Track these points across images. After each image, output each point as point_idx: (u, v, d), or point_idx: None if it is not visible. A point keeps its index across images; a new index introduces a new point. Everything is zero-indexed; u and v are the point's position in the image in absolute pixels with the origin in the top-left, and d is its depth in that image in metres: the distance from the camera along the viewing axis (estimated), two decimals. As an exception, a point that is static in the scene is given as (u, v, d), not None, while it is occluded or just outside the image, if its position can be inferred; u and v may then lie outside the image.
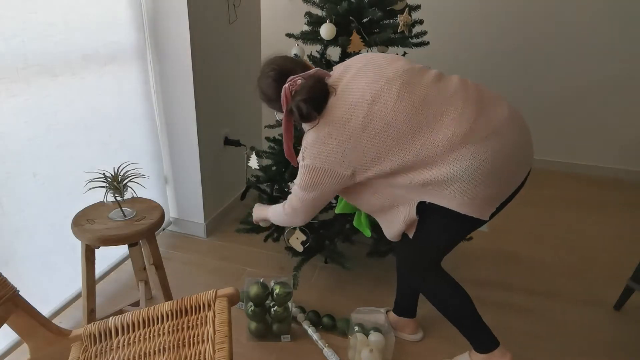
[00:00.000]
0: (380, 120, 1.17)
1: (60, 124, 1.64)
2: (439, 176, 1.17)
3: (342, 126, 1.20)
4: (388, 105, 1.17)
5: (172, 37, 1.99)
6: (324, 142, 1.22)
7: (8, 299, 1.02)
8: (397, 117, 1.17)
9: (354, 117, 1.18)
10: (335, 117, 1.21)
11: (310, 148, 1.24)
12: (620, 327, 1.82)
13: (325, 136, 1.22)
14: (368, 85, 1.20)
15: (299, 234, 1.79)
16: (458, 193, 1.18)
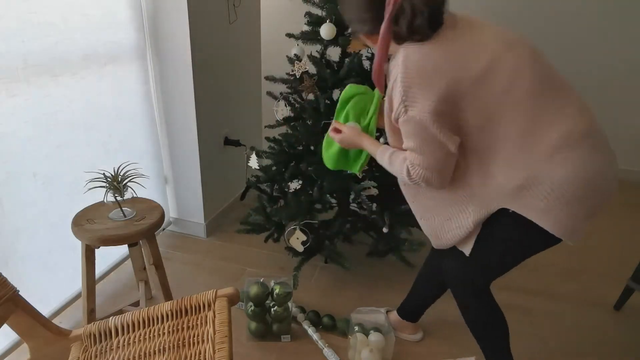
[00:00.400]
0: (506, 75, 0.97)
1: (60, 124, 1.64)
2: (540, 176, 0.99)
3: (462, 64, 0.97)
4: (523, 61, 0.98)
5: (172, 37, 1.99)
6: (430, 80, 0.98)
7: (8, 299, 1.02)
8: (525, 82, 0.98)
9: (476, 59, 0.97)
10: (452, 49, 0.98)
11: (413, 91, 0.99)
12: (620, 327, 1.82)
13: (432, 72, 0.97)
14: (503, 33, 1.01)
15: (299, 234, 1.79)
16: (556, 207, 0.98)
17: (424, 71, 0.99)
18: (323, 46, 1.83)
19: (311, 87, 1.73)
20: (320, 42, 1.78)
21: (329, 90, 1.78)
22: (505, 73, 0.98)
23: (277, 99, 1.88)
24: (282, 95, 1.88)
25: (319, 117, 1.76)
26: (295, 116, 1.88)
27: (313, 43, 1.80)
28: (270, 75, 1.87)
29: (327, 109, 1.74)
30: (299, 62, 1.74)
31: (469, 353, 1.66)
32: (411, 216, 1.82)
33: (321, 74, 1.76)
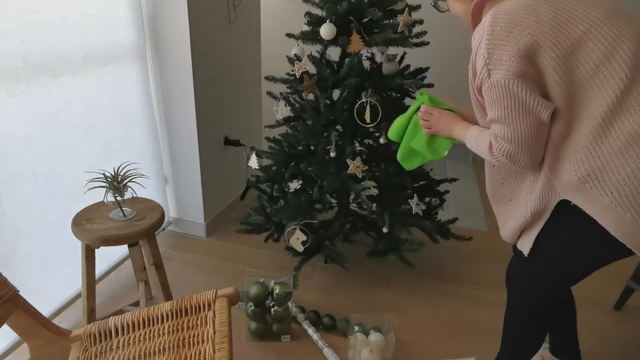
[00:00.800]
0: (600, 47, 0.88)
1: (60, 124, 1.64)
2: (608, 168, 0.89)
3: (555, 29, 0.89)
4: (622, 36, 0.89)
5: (172, 37, 1.99)
6: (517, 40, 0.90)
7: (8, 299, 1.02)
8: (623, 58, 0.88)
9: (570, 24, 0.89)
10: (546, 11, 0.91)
11: (499, 52, 0.92)
12: (620, 327, 1.82)
13: (520, 33, 0.90)
14: (603, 4, 0.93)
15: (299, 234, 1.79)
16: (620, 204, 0.88)
17: (512, 31, 0.91)
18: (323, 46, 1.83)
19: (311, 87, 1.73)
20: (320, 42, 1.78)
21: (329, 90, 1.78)
22: (599, 47, 0.89)
23: (277, 99, 1.88)
24: (282, 95, 1.88)
25: (319, 117, 1.76)
26: (295, 116, 1.88)
27: (313, 43, 1.80)
28: (270, 75, 1.87)
29: (327, 109, 1.74)
30: (299, 62, 1.74)
31: (469, 353, 1.66)
32: (411, 216, 1.82)
33: (321, 74, 1.76)
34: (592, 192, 0.92)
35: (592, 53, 0.90)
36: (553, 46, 0.90)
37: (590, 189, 0.92)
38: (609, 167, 0.89)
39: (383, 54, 1.82)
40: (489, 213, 2.76)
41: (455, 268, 2.17)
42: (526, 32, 0.90)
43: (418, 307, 1.90)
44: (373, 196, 1.83)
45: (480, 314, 1.87)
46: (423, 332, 1.76)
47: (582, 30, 0.90)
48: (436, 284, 2.04)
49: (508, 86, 0.92)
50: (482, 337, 1.74)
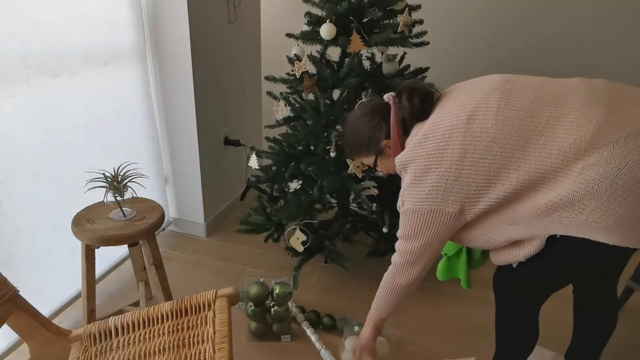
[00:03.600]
0: (481, 140, 0.99)
1: (60, 124, 1.64)
2: (565, 196, 0.93)
3: (440, 156, 1.04)
4: (488, 120, 0.99)
5: (172, 37, 1.99)
6: (422, 178, 1.07)
7: (8, 299, 1.02)
8: (501, 131, 0.98)
9: (451, 143, 1.02)
10: (429, 149, 1.06)
11: (409, 189, 1.09)
12: (620, 327, 1.82)
13: (422, 172, 1.07)
14: (462, 106, 1.05)
15: (299, 234, 1.79)
16: (598, 216, 0.91)
17: (415, 174, 1.08)
18: (323, 46, 1.83)
19: (311, 87, 1.73)
20: (320, 42, 1.78)
21: (329, 90, 1.78)
22: (479, 146, 1.00)
23: (277, 99, 1.88)
24: (282, 95, 1.88)
25: (319, 117, 1.76)
26: (295, 116, 1.88)
27: (313, 43, 1.80)
28: (270, 75, 1.87)
29: (327, 109, 1.74)
30: (299, 62, 1.74)
31: (469, 353, 1.66)
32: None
33: (321, 74, 1.76)
34: (565, 219, 0.96)
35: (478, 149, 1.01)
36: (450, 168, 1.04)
37: (562, 217, 0.96)
38: (565, 191, 0.94)
39: (383, 54, 1.82)
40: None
41: (455, 268, 2.17)
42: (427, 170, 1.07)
43: (418, 307, 1.90)
44: (373, 196, 1.83)
45: (480, 314, 1.87)
46: (423, 332, 1.76)
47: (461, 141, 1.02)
48: (436, 284, 2.04)
49: (414, 212, 1.10)
50: (482, 337, 1.74)
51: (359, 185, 1.72)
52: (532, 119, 0.97)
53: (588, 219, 0.93)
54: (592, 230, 0.95)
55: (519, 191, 0.99)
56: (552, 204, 0.95)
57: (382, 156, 1.25)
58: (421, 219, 1.09)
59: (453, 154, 1.02)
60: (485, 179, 1.01)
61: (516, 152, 0.97)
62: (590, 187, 0.91)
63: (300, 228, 1.79)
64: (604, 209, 0.91)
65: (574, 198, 0.93)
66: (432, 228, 1.10)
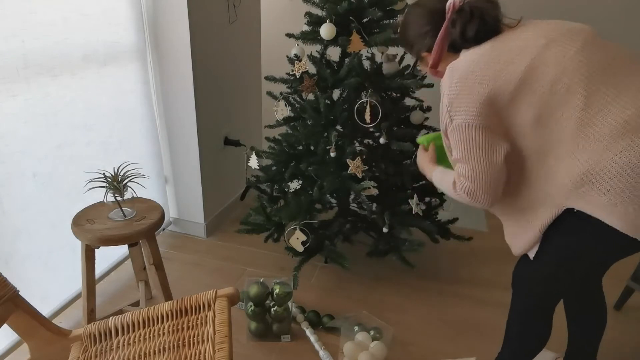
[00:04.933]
0: (551, 69, 0.95)
1: (60, 124, 1.64)
2: (598, 168, 0.92)
3: (500, 70, 0.97)
4: (567, 53, 0.95)
5: (172, 37, 1.99)
6: (471, 88, 0.99)
7: (8, 299, 1.02)
8: (573, 72, 0.94)
9: (518, 60, 0.97)
10: (496, 56, 0.99)
11: (457, 100, 1.01)
12: (620, 327, 1.82)
13: (473, 82, 0.99)
14: (544, 31, 0.99)
15: (299, 234, 1.79)
16: (620, 200, 0.91)
17: (467, 80, 1.01)
18: (323, 46, 1.83)
19: (311, 87, 1.73)
20: (320, 42, 1.78)
21: (329, 90, 1.78)
22: (547, 73, 0.96)
23: (277, 99, 1.88)
24: (282, 95, 1.88)
25: (319, 117, 1.76)
26: (295, 116, 1.88)
27: (313, 43, 1.80)
28: (270, 75, 1.87)
29: (327, 109, 1.74)
30: (299, 62, 1.74)
31: (469, 353, 1.66)
32: (411, 216, 1.82)
33: (321, 74, 1.76)
34: (589, 194, 0.95)
35: (542, 78, 0.96)
36: (506, 84, 0.98)
37: (588, 192, 0.95)
38: (598, 168, 0.93)
39: (383, 54, 1.82)
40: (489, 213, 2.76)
41: (455, 268, 2.17)
42: (478, 80, 1.00)
43: (418, 307, 1.90)
44: (373, 196, 1.83)
45: (480, 314, 1.87)
46: (423, 332, 1.76)
47: (529, 61, 0.97)
48: (436, 284, 2.04)
49: (467, 130, 1.02)
50: (482, 337, 1.74)
51: (359, 185, 1.72)
52: (603, 76, 0.94)
53: (610, 201, 0.92)
54: (611, 213, 0.93)
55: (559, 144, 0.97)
56: (584, 173, 0.94)
57: (421, 62, 1.22)
58: (476, 133, 1.01)
59: (516, 72, 0.96)
60: (536, 114, 0.97)
61: (577, 99, 0.94)
62: (623, 170, 0.90)
63: (300, 228, 1.79)
64: (628, 194, 0.90)
65: (604, 173, 0.92)
66: (488, 143, 1.01)
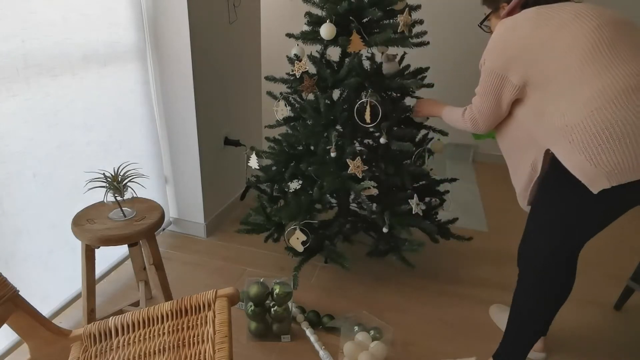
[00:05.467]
0: (570, 36, 1.12)
1: (60, 124, 1.64)
2: (574, 122, 1.09)
3: (533, 28, 1.17)
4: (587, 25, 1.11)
5: (172, 37, 1.99)
6: (506, 44, 1.22)
7: (8, 299, 1.02)
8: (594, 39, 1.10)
9: (550, 23, 1.15)
10: (535, 22, 1.18)
11: (495, 50, 1.25)
12: (620, 327, 1.82)
13: (511, 38, 1.21)
14: (581, 6, 1.17)
15: (299, 234, 1.79)
16: (579, 147, 1.08)
17: (508, 35, 1.22)
18: (323, 46, 1.83)
19: (311, 87, 1.73)
20: (320, 42, 1.78)
21: (329, 90, 1.78)
22: (567, 36, 1.12)
23: (277, 99, 1.88)
24: (282, 95, 1.88)
25: (319, 117, 1.76)
26: (295, 116, 1.88)
27: (313, 43, 1.80)
28: (270, 75, 1.87)
29: (327, 109, 1.74)
30: (299, 62, 1.74)
31: (469, 353, 1.66)
32: (411, 216, 1.82)
33: (321, 74, 1.76)
34: (562, 138, 1.12)
35: (561, 40, 1.13)
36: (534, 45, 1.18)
37: (562, 140, 1.12)
38: (577, 121, 1.09)
39: (383, 54, 1.82)
40: (489, 213, 2.76)
41: (455, 268, 2.17)
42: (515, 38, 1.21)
43: (418, 307, 1.90)
44: (373, 196, 1.83)
45: (480, 314, 1.87)
46: (423, 332, 1.76)
47: (554, 27, 1.15)
48: (436, 284, 2.04)
49: (490, 75, 1.29)
50: (482, 337, 1.74)
51: (359, 185, 1.72)
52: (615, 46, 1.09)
53: (573, 146, 1.09)
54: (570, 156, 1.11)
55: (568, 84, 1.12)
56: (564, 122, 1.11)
57: (496, 14, 1.40)
58: (494, 81, 1.27)
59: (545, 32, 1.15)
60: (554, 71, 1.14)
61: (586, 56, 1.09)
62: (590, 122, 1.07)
63: (300, 228, 1.79)
64: (588, 144, 1.06)
65: (576, 122, 1.08)
66: (500, 92, 1.28)
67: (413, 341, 1.71)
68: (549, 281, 1.31)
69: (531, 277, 1.35)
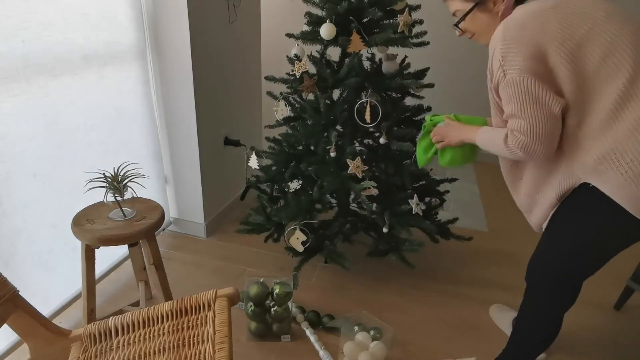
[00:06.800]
0: (605, 41, 0.98)
1: (60, 124, 1.64)
2: (621, 148, 0.96)
3: (562, 30, 1.00)
4: (624, 30, 0.98)
5: (172, 37, 1.99)
6: (527, 43, 1.01)
7: (8, 299, 1.02)
8: (626, 48, 0.97)
9: (575, 25, 0.99)
10: (554, 15, 1.02)
11: (512, 54, 1.02)
12: (620, 327, 1.82)
13: (530, 35, 1.01)
14: (603, 5, 1.02)
15: (299, 234, 1.79)
16: (635, 182, 0.95)
17: (521, 37, 1.01)
18: (323, 46, 1.83)
19: (311, 87, 1.73)
20: (320, 42, 1.78)
21: (329, 90, 1.78)
22: (603, 43, 0.98)
23: (277, 99, 1.88)
24: (282, 95, 1.88)
25: (319, 117, 1.76)
26: (295, 116, 1.88)
27: (313, 43, 1.80)
28: (270, 75, 1.87)
29: (327, 109, 1.74)
30: (299, 62, 1.74)
31: (469, 353, 1.66)
32: (411, 216, 1.82)
33: (321, 74, 1.76)
34: (608, 172, 0.99)
35: (596, 48, 0.99)
36: (560, 46, 1.00)
37: (606, 170, 0.99)
38: (622, 148, 0.97)
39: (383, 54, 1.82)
40: (489, 213, 2.76)
41: (455, 268, 2.17)
42: (534, 36, 1.01)
43: (418, 307, 1.90)
44: (373, 196, 1.83)
45: (480, 314, 1.87)
46: (423, 332, 1.76)
47: (585, 30, 1.00)
48: (436, 284, 2.04)
49: (522, 83, 1.02)
50: (482, 337, 1.74)
51: (359, 185, 1.72)
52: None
53: (626, 181, 0.96)
54: (622, 192, 0.98)
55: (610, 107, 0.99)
56: (607, 149, 0.98)
57: (480, 9, 1.16)
58: (531, 87, 1.01)
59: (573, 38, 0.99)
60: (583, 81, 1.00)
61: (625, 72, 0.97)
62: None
63: (300, 228, 1.79)
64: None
65: (625, 149, 0.97)
66: (543, 96, 1.02)
67: (413, 341, 1.71)
68: (558, 303, 1.27)
69: (539, 295, 1.30)
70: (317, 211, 1.86)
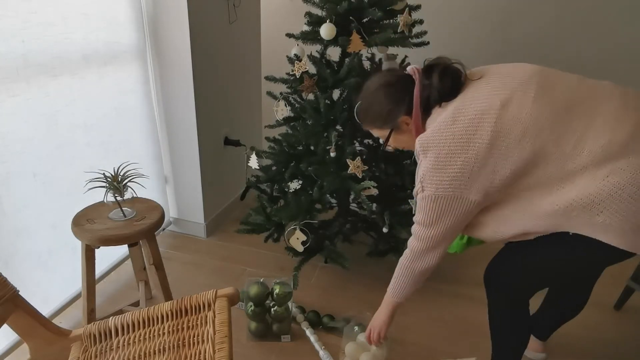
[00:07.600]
0: (513, 129, 0.96)
1: (60, 124, 1.64)
2: (587, 196, 0.94)
3: (467, 142, 1.00)
4: (523, 109, 0.97)
5: (172, 37, 1.99)
6: (446, 163, 1.02)
7: (8, 299, 1.02)
8: (536, 122, 0.95)
9: (480, 129, 0.98)
10: (456, 132, 1.01)
11: (431, 174, 1.05)
12: (620, 327, 1.82)
13: (446, 156, 1.02)
14: (496, 91, 1.01)
15: (299, 234, 1.79)
16: (615, 220, 0.93)
17: (438, 156, 1.03)
18: (323, 46, 1.83)
19: (311, 87, 1.73)
20: (320, 42, 1.78)
21: (329, 90, 1.78)
22: (511, 132, 0.97)
23: (277, 99, 1.88)
24: (282, 95, 1.88)
25: (319, 117, 1.76)
26: (295, 116, 1.88)
27: (313, 43, 1.80)
28: (270, 75, 1.87)
29: (327, 109, 1.74)
30: (299, 62, 1.74)
31: (469, 353, 1.66)
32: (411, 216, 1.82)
33: (321, 74, 1.76)
34: (582, 217, 0.97)
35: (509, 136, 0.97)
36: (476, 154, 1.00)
37: (580, 215, 0.97)
38: (588, 193, 0.94)
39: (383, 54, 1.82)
40: (489, 213, 2.76)
41: (455, 268, 2.17)
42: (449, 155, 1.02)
43: (418, 307, 1.90)
44: (373, 196, 1.83)
45: (480, 314, 1.86)
46: (423, 332, 1.76)
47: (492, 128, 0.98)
48: (436, 284, 2.04)
49: (436, 201, 1.07)
50: (482, 337, 1.74)
51: (359, 185, 1.72)
52: (568, 114, 0.96)
53: (605, 221, 0.94)
54: (606, 231, 0.96)
55: (543, 185, 0.98)
56: (572, 202, 0.95)
57: (397, 132, 1.19)
58: (443, 205, 1.06)
59: (482, 141, 0.98)
60: (512, 170, 0.98)
61: (548, 146, 0.95)
62: (614, 192, 0.92)
63: (300, 228, 1.79)
64: (623, 213, 0.92)
65: (594, 199, 0.93)
66: (454, 214, 1.06)
67: (413, 341, 1.71)
68: (519, 314, 1.28)
69: (502, 305, 1.30)
70: (317, 211, 1.86)
